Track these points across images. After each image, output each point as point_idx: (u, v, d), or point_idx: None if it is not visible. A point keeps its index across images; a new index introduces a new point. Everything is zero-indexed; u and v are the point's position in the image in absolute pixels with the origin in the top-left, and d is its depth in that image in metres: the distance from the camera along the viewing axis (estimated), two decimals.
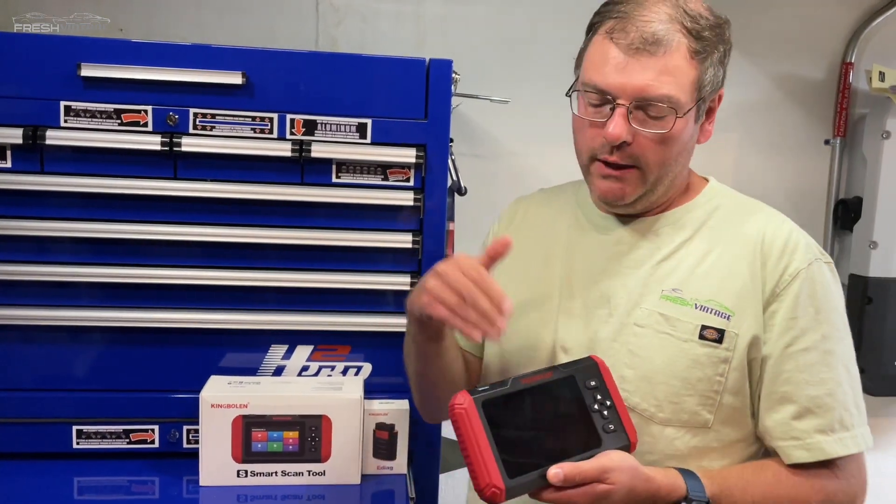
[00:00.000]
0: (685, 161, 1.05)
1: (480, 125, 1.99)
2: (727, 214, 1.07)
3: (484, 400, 0.89)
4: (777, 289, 1.00)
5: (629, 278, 1.05)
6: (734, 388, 1.00)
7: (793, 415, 0.99)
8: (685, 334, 1.00)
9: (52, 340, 1.27)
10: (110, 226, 1.24)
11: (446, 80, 1.27)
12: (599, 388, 0.96)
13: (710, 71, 0.99)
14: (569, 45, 1.96)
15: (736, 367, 1.00)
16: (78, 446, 1.28)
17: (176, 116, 1.23)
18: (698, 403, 1.00)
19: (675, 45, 0.96)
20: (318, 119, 1.25)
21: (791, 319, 0.99)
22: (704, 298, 1.01)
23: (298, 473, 1.22)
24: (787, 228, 1.04)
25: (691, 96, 0.98)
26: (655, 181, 1.02)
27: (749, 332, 0.99)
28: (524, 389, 0.92)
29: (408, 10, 1.92)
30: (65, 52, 1.20)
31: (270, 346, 1.32)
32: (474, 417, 0.88)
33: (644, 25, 0.96)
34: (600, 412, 0.94)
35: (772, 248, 1.01)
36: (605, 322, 1.04)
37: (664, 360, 1.00)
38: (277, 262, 1.29)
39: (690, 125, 1.01)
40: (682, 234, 1.06)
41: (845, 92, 2.08)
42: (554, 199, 1.20)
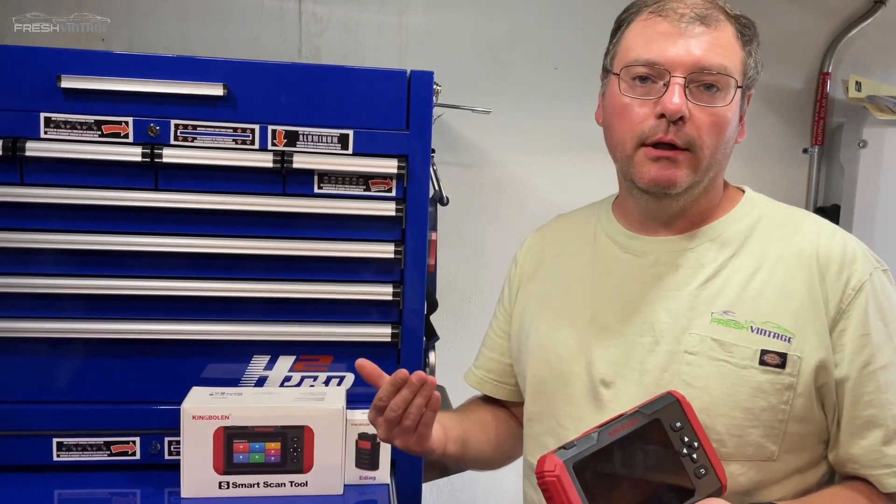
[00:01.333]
0: (728, 155, 0.99)
1: (463, 134, 2.00)
2: (771, 226, 1.00)
3: (575, 462, 0.82)
4: (842, 305, 0.92)
5: (672, 302, 0.97)
6: (800, 416, 0.93)
7: (882, 440, 0.92)
8: (744, 360, 0.92)
9: (31, 352, 1.27)
10: (91, 237, 1.24)
11: (428, 91, 1.28)
12: (685, 428, 0.89)
13: (753, 58, 0.97)
14: (551, 56, 2.00)
15: (802, 394, 0.92)
16: (58, 459, 1.27)
17: (157, 128, 1.23)
18: (763, 435, 0.92)
19: (723, 23, 0.94)
20: (300, 130, 1.26)
21: (863, 336, 0.92)
22: (760, 320, 0.93)
23: (280, 485, 1.22)
24: (841, 237, 0.97)
25: (741, 78, 0.95)
26: (705, 169, 0.95)
27: (814, 355, 0.92)
28: (613, 443, 0.85)
29: (390, 20, 1.94)
30: (45, 63, 1.19)
31: (252, 356, 1.32)
32: (567, 483, 0.81)
33: (687, 1, 0.94)
34: (690, 456, 0.88)
35: (829, 261, 0.94)
36: (652, 351, 0.96)
37: (723, 391, 0.92)
38: (259, 273, 1.29)
39: (737, 113, 0.96)
40: (725, 250, 0.98)
41: (823, 101, 2.11)
42: (573, 223, 1.15)
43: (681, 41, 0.92)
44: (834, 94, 2.13)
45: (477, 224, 2.00)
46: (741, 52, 0.95)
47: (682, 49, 0.91)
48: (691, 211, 1.00)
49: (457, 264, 1.95)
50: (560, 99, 1.98)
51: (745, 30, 0.96)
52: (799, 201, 2.17)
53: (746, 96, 0.99)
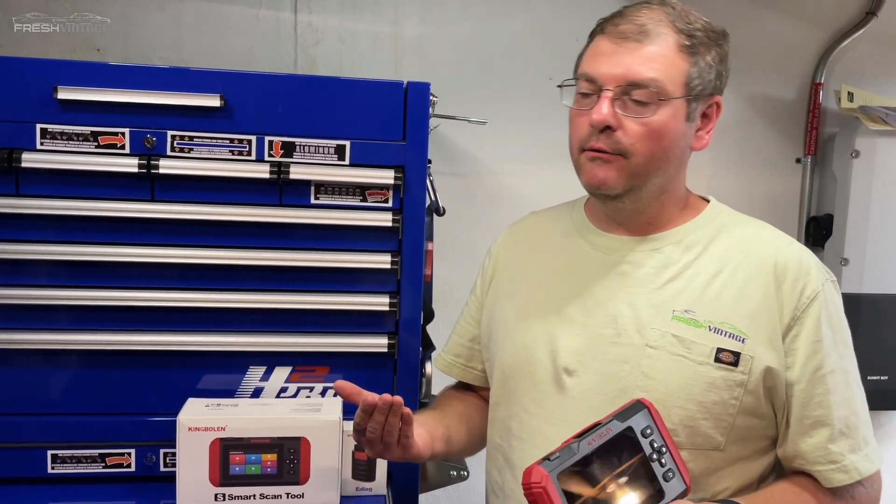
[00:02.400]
0: (677, 163, 1.04)
1: (459, 145, 2.00)
2: (733, 234, 1.06)
3: (559, 473, 0.87)
4: (797, 312, 0.99)
5: (636, 298, 1.03)
6: (748, 410, 1.00)
7: (828, 438, 0.99)
8: (701, 357, 0.99)
9: (26, 363, 1.26)
10: (87, 248, 1.23)
11: (424, 102, 1.28)
12: (654, 433, 0.94)
13: (701, 67, 1.00)
14: (546, 66, 2.01)
15: (751, 391, 0.99)
16: (53, 471, 1.27)
17: (153, 139, 1.23)
18: (713, 427, 0.99)
19: (664, 37, 0.98)
20: (297, 141, 1.26)
21: (816, 342, 0.99)
22: (718, 320, 1.00)
23: (277, 496, 1.22)
24: (797, 249, 1.04)
25: (679, 88, 0.99)
26: (642, 174, 1.01)
27: (765, 356, 0.99)
28: (592, 453, 0.90)
29: (386, 31, 1.94)
30: (41, 74, 1.19)
31: (248, 367, 1.31)
32: (553, 494, 0.85)
33: (635, 19, 1.00)
34: (658, 460, 0.93)
35: (786, 270, 1.01)
36: (614, 343, 1.03)
37: (680, 384, 0.99)
38: (256, 284, 1.29)
39: (680, 121, 1.00)
40: (688, 253, 1.05)
41: (815, 111, 2.12)
42: (547, 219, 1.21)
43: (615, 57, 0.99)
44: (826, 105, 2.14)
45: (473, 234, 2.00)
46: (684, 64, 0.99)
47: (613, 64, 0.99)
48: (647, 214, 1.06)
49: (453, 274, 1.95)
50: (555, 108, 1.97)
51: (693, 40, 0.99)
52: (792, 211, 2.18)
53: (705, 104, 1.03)
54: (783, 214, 2.16)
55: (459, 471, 1.45)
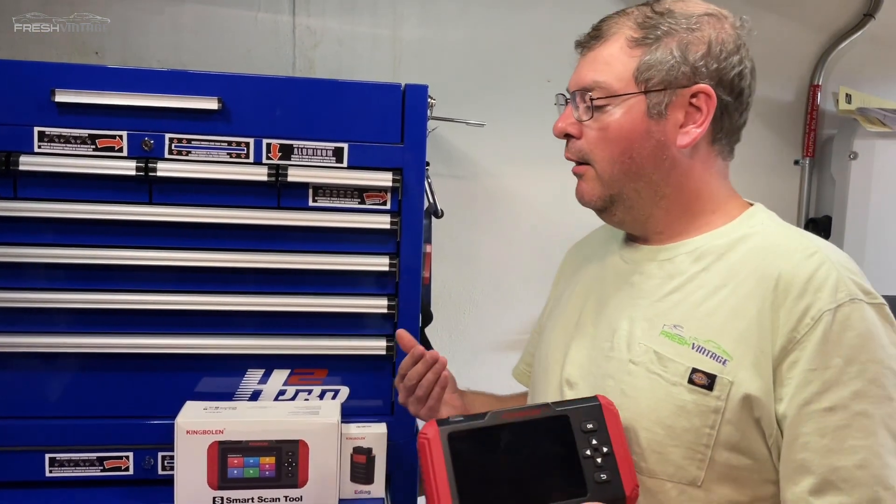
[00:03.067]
0: (655, 164, 0.95)
1: (457, 147, 2.00)
2: (754, 245, 0.93)
3: (451, 432, 0.83)
4: (795, 334, 0.85)
5: (635, 310, 0.97)
6: (729, 444, 0.87)
7: (811, 488, 0.83)
8: (675, 376, 0.89)
9: (24, 367, 1.26)
10: (85, 251, 1.23)
11: (422, 105, 1.28)
12: (598, 431, 0.87)
13: (657, 58, 0.92)
14: (544, 68, 2.01)
15: (730, 420, 0.86)
16: (51, 475, 1.26)
17: (151, 142, 1.23)
18: (684, 457, 0.88)
19: (614, 35, 0.95)
20: (295, 143, 1.26)
21: (811, 371, 0.84)
22: (704, 338, 0.89)
23: (275, 500, 1.22)
24: (817, 261, 0.87)
25: (629, 84, 0.93)
26: (613, 181, 0.96)
27: (746, 382, 0.86)
28: (503, 425, 0.85)
29: (384, 33, 1.94)
30: (39, 77, 1.19)
31: (247, 370, 1.31)
32: (437, 450, 0.82)
33: (598, 26, 0.99)
34: (593, 459, 0.85)
35: (790, 285, 0.86)
36: (607, 357, 0.97)
37: (649, 405, 0.90)
38: (254, 286, 1.29)
39: (638, 119, 0.93)
40: (698, 264, 0.95)
41: (813, 113, 2.13)
42: (604, 231, 1.16)
43: (577, 67, 1.00)
44: (825, 106, 2.14)
45: (472, 236, 2.00)
46: (630, 58, 0.93)
47: (574, 73, 1.00)
48: (654, 224, 0.99)
49: (451, 277, 1.95)
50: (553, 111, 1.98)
51: (651, 31, 0.93)
52: (790, 212, 2.18)
53: (677, 95, 0.93)
54: (781, 216, 2.11)
55: None
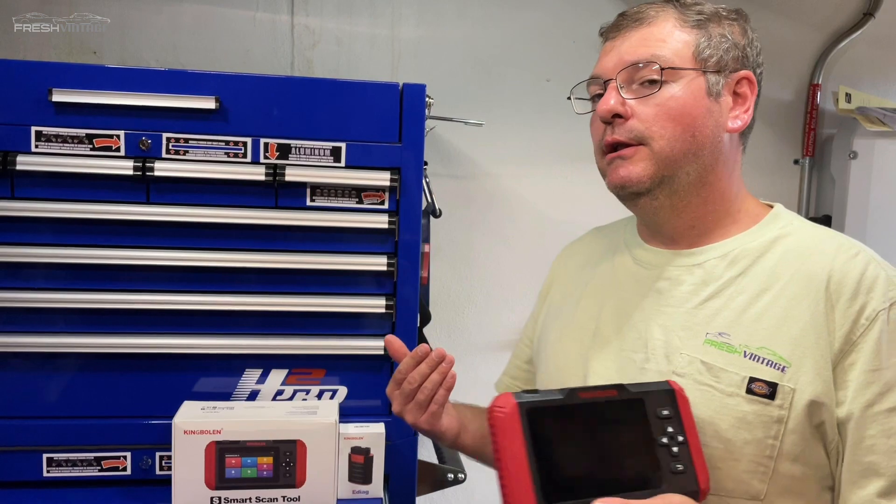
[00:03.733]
0: (711, 147, 0.92)
1: (456, 146, 2.00)
2: (790, 247, 0.91)
3: (530, 407, 0.77)
4: (852, 336, 0.84)
5: (669, 319, 0.92)
6: (793, 454, 0.85)
7: (880, 491, 0.83)
8: (730, 387, 0.86)
9: (21, 367, 1.26)
10: (82, 251, 1.23)
11: (420, 104, 1.28)
12: (673, 419, 0.82)
13: (712, 38, 0.91)
14: (543, 68, 2.01)
15: (794, 429, 0.84)
16: (48, 474, 1.26)
17: (149, 141, 1.22)
18: (746, 471, 0.85)
19: (662, 18, 0.93)
20: (292, 143, 1.26)
21: (872, 372, 0.83)
22: (756, 345, 0.86)
23: (273, 500, 1.21)
24: (863, 261, 0.88)
25: (687, 60, 0.90)
26: (670, 161, 0.91)
27: (810, 388, 0.84)
28: (580, 404, 0.80)
29: (382, 33, 1.94)
30: (36, 77, 1.19)
31: (244, 370, 1.31)
32: (515, 425, 0.76)
33: (633, 13, 0.95)
34: (669, 447, 0.81)
35: (842, 286, 0.85)
36: (642, 369, 0.92)
37: (703, 418, 0.86)
38: (252, 286, 1.29)
39: (700, 96, 0.90)
40: (733, 268, 0.92)
41: (813, 113, 2.12)
42: (604, 235, 1.14)
43: (614, 51, 0.95)
44: (824, 106, 2.14)
45: (470, 236, 2.00)
46: (687, 36, 0.91)
47: (613, 56, 0.94)
48: (690, 216, 0.95)
49: (450, 276, 1.95)
50: (552, 111, 1.99)
51: (700, 16, 0.93)
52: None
53: (732, 79, 0.93)
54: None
55: (456, 473, 1.44)
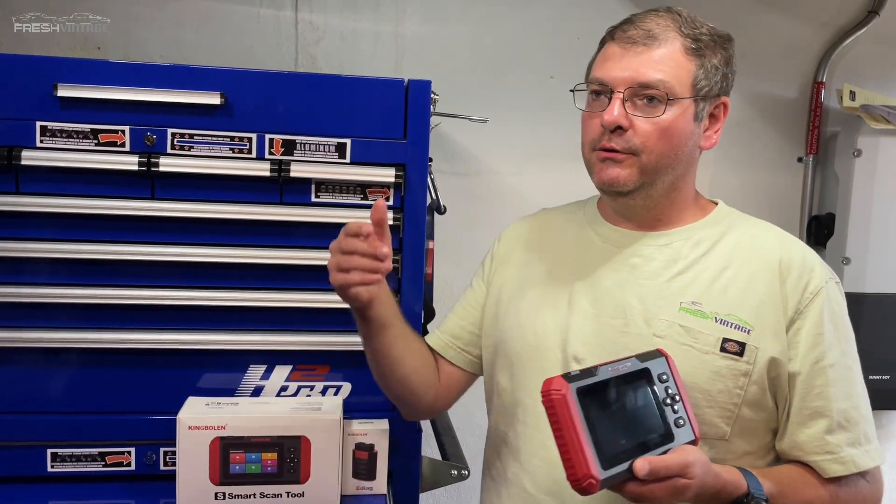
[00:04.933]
0: (686, 162, 1.07)
1: (460, 143, 2.00)
2: (740, 233, 1.10)
3: (579, 387, 0.87)
4: (800, 306, 1.03)
5: (645, 289, 1.07)
6: (752, 401, 1.03)
7: (825, 429, 1.02)
8: (707, 346, 1.02)
9: (26, 362, 1.26)
10: (87, 246, 1.23)
11: (425, 100, 1.28)
12: (669, 381, 0.96)
13: (707, 69, 1.04)
14: (547, 65, 2.01)
15: (756, 381, 1.03)
16: (53, 470, 1.26)
17: (154, 136, 1.22)
18: (718, 416, 1.03)
19: (671, 41, 1.03)
20: (297, 139, 1.26)
21: (818, 335, 1.03)
22: (724, 312, 1.03)
23: (277, 495, 1.21)
24: (801, 249, 1.08)
25: (687, 89, 1.03)
26: (653, 171, 1.05)
27: (769, 348, 1.02)
28: (610, 378, 0.91)
29: (387, 29, 1.94)
30: (41, 71, 1.19)
31: (249, 366, 1.31)
32: (573, 405, 0.85)
33: (643, 25, 1.05)
34: (672, 406, 0.95)
35: (790, 267, 1.05)
36: (622, 332, 1.06)
37: (685, 372, 1.00)
38: (256, 282, 1.28)
39: (688, 121, 1.04)
40: (697, 249, 1.09)
41: (817, 110, 2.12)
42: (558, 214, 1.24)
43: (624, 61, 1.04)
44: (828, 104, 2.13)
45: (474, 233, 1.99)
46: (691, 66, 1.04)
47: (623, 68, 1.03)
48: (657, 212, 1.10)
49: (453, 273, 1.94)
50: (556, 108, 1.98)
51: (699, 44, 1.04)
52: (793, 210, 2.17)
53: (712, 104, 1.07)
54: (785, 213, 2.16)
55: (460, 470, 1.44)
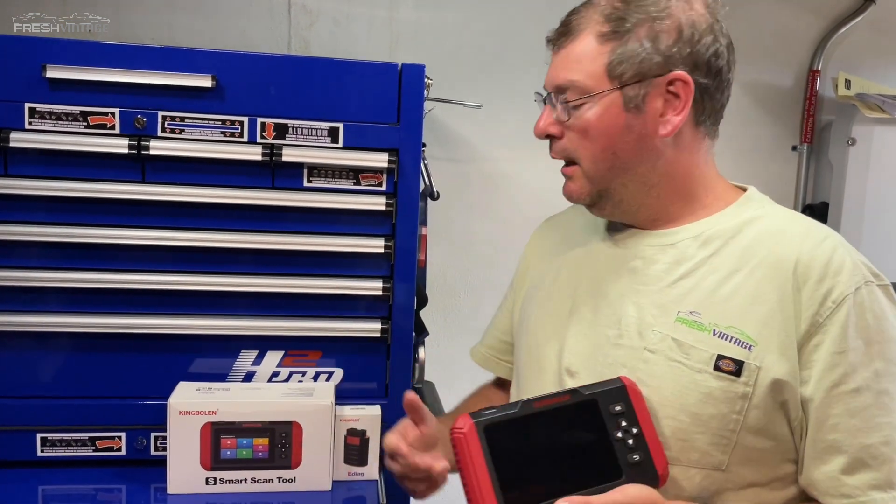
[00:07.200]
0: (639, 157, 0.94)
1: (454, 129, 1.99)
2: (762, 229, 0.94)
3: (486, 424, 0.83)
4: (818, 318, 0.86)
5: (643, 297, 0.95)
6: (755, 428, 0.88)
7: (843, 468, 0.86)
8: (699, 364, 0.89)
9: (15, 346, 1.25)
10: (76, 230, 1.22)
11: (419, 84, 1.27)
12: (626, 413, 0.87)
13: (629, 50, 0.91)
14: (542, 51, 1.99)
15: (758, 405, 0.87)
16: (42, 454, 1.26)
17: (144, 119, 1.21)
18: (710, 443, 0.88)
19: (583, 31, 0.94)
20: (290, 123, 1.24)
21: (837, 354, 0.85)
22: (724, 324, 0.89)
23: (268, 480, 1.21)
24: (830, 246, 0.89)
25: (601, 81, 0.92)
26: (599, 179, 0.96)
27: (773, 368, 0.87)
28: (535, 413, 0.85)
29: (380, 14, 1.93)
30: (30, 52, 1.17)
31: (240, 351, 1.30)
32: (474, 443, 0.82)
33: (566, 20, 0.97)
34: (624, 441, 0.86)
35: (809, 269, 0.87)
36: (616, 345, 0.95)
37: (673, 392, 0.89)
38: (248, 267, 1.28)
39: (617, 115, 0.92)
40: (706, 248, 0.94)
41: (812, 99, 2.12)
42: (565, 218, 1.18)
43: (551, 65, 0.98)
44: (823, 92, 2.14)
45: (467, 219, 1.99)
46: (600, 54, 0.92)
47: (548, 71, 0.98)
48: (647, 212, 0.99)
49: (447, 260, 1.95)
50: None
51: (622, 24, 0.91)
52: (788, 198, 2.18)
53: (654, 86, 0.92)
54: (778, 202, 2.12)
55: None
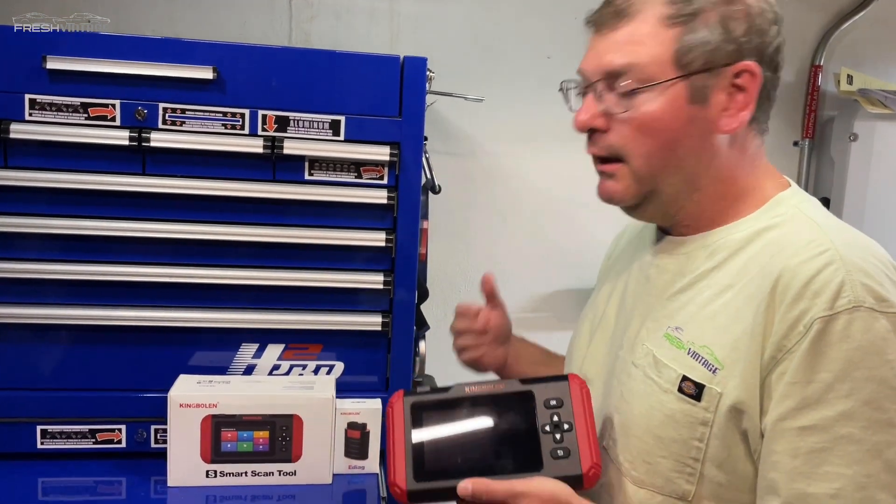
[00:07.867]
0: (697, 156, 0.85)
1: (455, 123, 1.98)
2: (770, 240, 0.83)
3: (414, 402, 0.91)
4: (786, 343, 0.76)
5: (647, 308, 0.91)
6: (717, 460, 0.80)
7: None
8: (667, 383, 0.84)
9: (16, 338, 1.25)
10: (77, 222, 1.22)
11: (421, 77, 1.26)
12: (561, 408, 0.86)
13: (699, 36, 0.81)
14: (543, 44, 1.99)
15: (717, 434, 0.80)
16: (42, 446, 1.26)
17: (145, 111, 1.20)
18: (673, 469, 0.82)
19: (641, 12, 0.83)
20: (291, 115, 1.24)
21: (792, 384, 0.75)
22: (700, 343, 0.82)
23: (269, 473, 1.21)
24: (822, 262, 0.76)
25: (668, 68, 0.82)
26: (649, 178, 0.86)
27: (734, 394, 0.79)
28: (465, 397, 0.91)
29: (382, 7, 1.92)
30: (30, 43, 1.17)
31: (241, 344, 1.30)
32: (398, 416, 0.90)
33: (615, 1, 0.85)
34: (552, 434, 0.85)
35: (787, 289, 0.76)
36: (616, 356, 0.93)
37: (641, 411, 0.85)
38: (249, 260, 1.27)
39: (681, 107, 0.82)
40: (711, 260, 0.86)
41: (814, 94, 2.11)
42: None
43: (595, 47, 0.87)
44: (825, 88, 2.13)
45: (468, 213, 1.99)
46: (669, 38, 0.82)
47: (591, 56, 0.87)
48: (683, 217, 0.90)
49: (447, 253, 1.94)
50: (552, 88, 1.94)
51: (683, 6, 0.82)
52: None
53: (723, 76, 0.83)
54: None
55: None
